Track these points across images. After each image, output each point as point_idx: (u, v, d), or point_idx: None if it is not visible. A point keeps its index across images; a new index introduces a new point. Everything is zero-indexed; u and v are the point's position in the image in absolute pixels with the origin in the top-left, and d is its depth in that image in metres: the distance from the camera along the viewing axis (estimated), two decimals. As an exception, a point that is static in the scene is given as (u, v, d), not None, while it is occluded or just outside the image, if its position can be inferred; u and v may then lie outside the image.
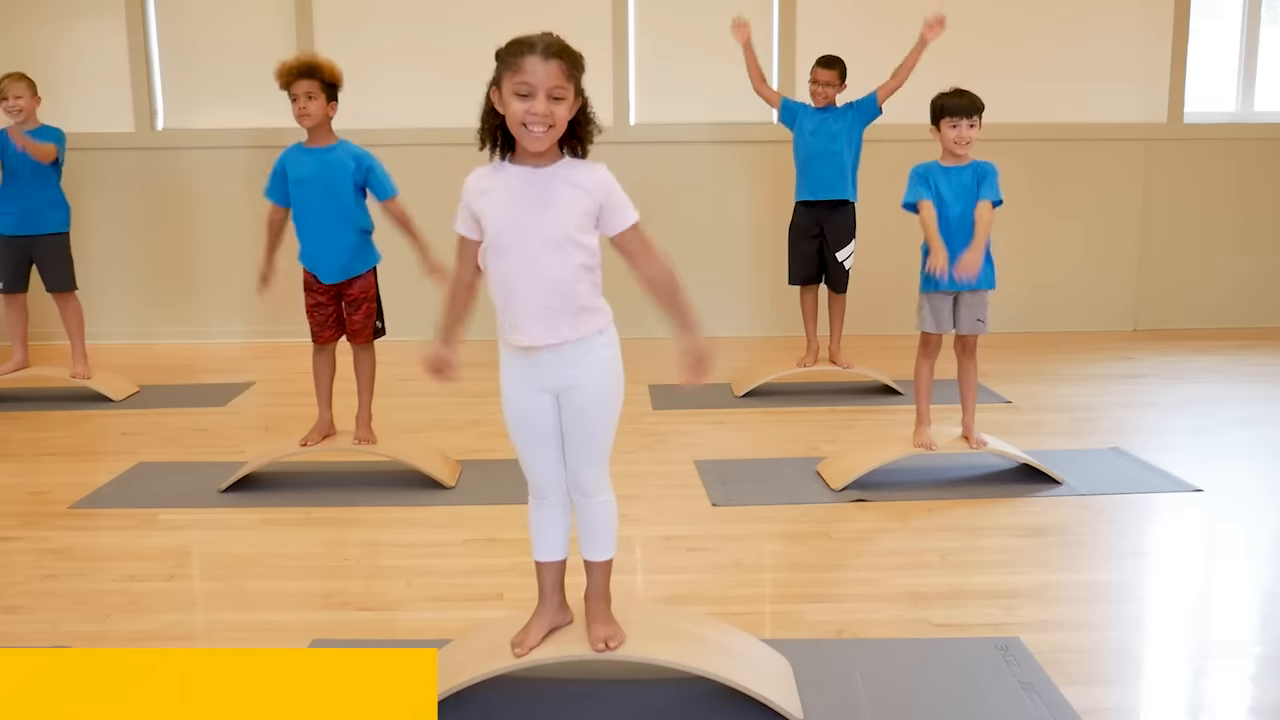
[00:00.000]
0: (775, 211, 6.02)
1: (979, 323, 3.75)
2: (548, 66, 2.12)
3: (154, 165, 6.36)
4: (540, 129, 2.14)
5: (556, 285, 2.19)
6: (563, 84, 2.13)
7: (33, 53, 6.13)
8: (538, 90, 2.12)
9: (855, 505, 3.61)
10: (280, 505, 3.67)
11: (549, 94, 2.12)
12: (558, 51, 2.13)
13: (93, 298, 5.90)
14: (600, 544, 2.38)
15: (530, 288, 2.19)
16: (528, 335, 2.22)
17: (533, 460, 2.34)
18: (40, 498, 3.77)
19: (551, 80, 2.12)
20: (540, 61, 2.11)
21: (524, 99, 2.13)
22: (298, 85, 3.61)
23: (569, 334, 2.23)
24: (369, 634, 2.74)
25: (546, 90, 2.12)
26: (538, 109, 2.12)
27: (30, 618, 2.86)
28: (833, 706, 2.36)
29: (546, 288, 2.19)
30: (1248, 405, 4.84)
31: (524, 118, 2.13)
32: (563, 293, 2.20)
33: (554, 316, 2.21)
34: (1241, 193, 6.51)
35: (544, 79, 2.11)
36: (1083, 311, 6.53)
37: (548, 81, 2.12)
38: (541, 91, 2.12)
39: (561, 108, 2.15)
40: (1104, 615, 2.83)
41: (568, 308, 2.21)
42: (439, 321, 2.35)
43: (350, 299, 3.79)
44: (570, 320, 2.22)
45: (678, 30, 6.33)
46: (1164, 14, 6.33)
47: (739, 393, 5.03)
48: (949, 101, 3.69)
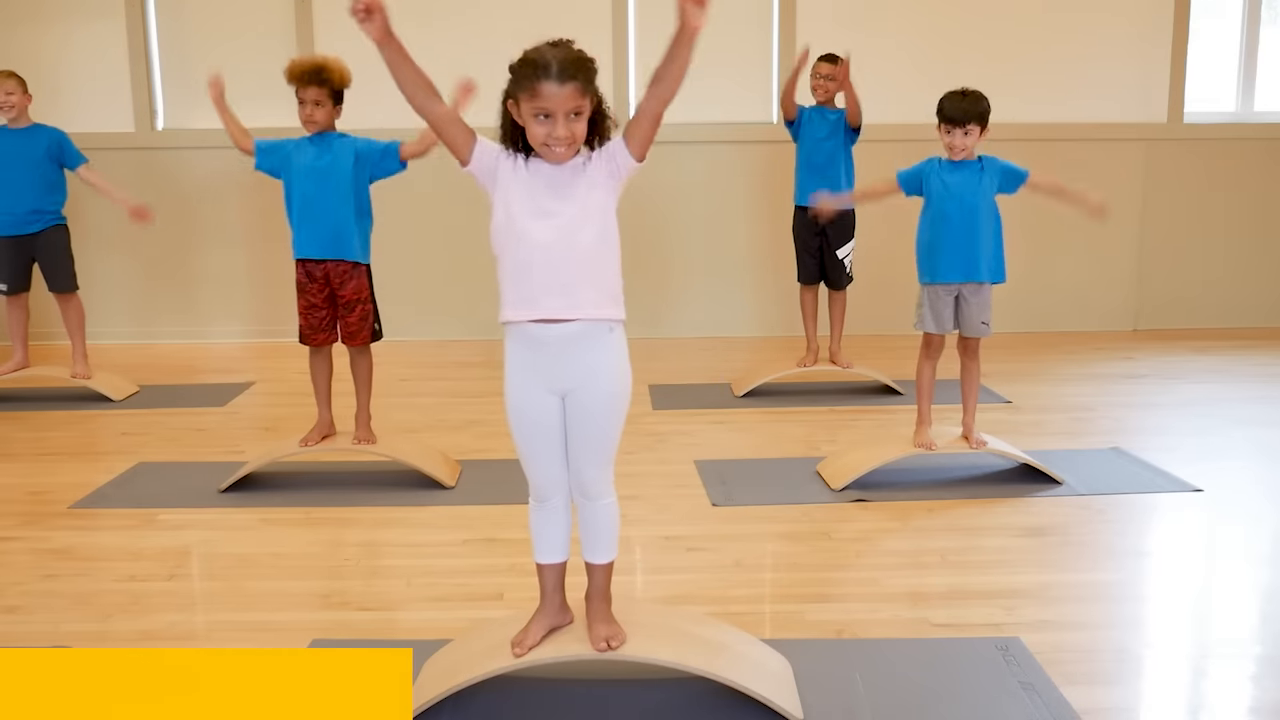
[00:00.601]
0: (775, 212, 6.02)
1: (984, 325, 3.73)
2: (564, 90, 2.12)
3: (154, 165, 6.36)
4: (562, 149, 2.16)
5: (578, 259, 2.19)
6: (580, 103, 2.15)
7: (33, 53, 6.14)
8: (557, 114, 2.13)
9: (855, 505, 3.61)
10: (280, 505, 3.67)
11: (568, 114, 2.14)
12: (573, 72, 2.13)
13: (93, 298, 5.89)
14: (602, 546, 2.37)
15: (553, 261, 2.18)
16: (544, 307, 2.20)
17: (536, 462, 2.33)
18: (40, 498, 3.77)
19: (570, 103, 2.13)
20: (557, 87, 2.12)
21: (544, 123, 2.14)
22: (307, 91, 3.62)
23: (588, 312, 2.21)
24: (369, 634, 2.74)
25: (565, 112, 2.13)
26: (559, 133, 2.14)
27: (30, 618, 2.86)
28: (833, 706, 2.36)
29: (568, 261, 2.19)
30: (1248, 405, 4.84)
31: (546, 140, 2.15)
32: (583, 266, 2.20)
33: (573, 292, 2.20)
34: (1241, 193, 6.50)
35: (562, 103, 2.12)
36: (1083, 311, 6.53)
37: (566, 104, 2.13)
38: (561, 115, 2.13)
39: (581, 123, 2.16)
40: (1104, 615, 2.83)
41: (588, 284, 2.20)
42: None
43: (344, 301, 3.77)
44: (590, 298, 2.21)
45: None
46: (1164, 14, 6.33)
47: (739, 393, 5.03)
48: (946, 106, 3.63)
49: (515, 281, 2.22)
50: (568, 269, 2.19)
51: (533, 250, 2.19)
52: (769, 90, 6.23)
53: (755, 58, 6.06)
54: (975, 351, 3.81)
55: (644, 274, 6.04)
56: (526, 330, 2.23)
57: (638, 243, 5.78)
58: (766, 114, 6.35)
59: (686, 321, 6.43)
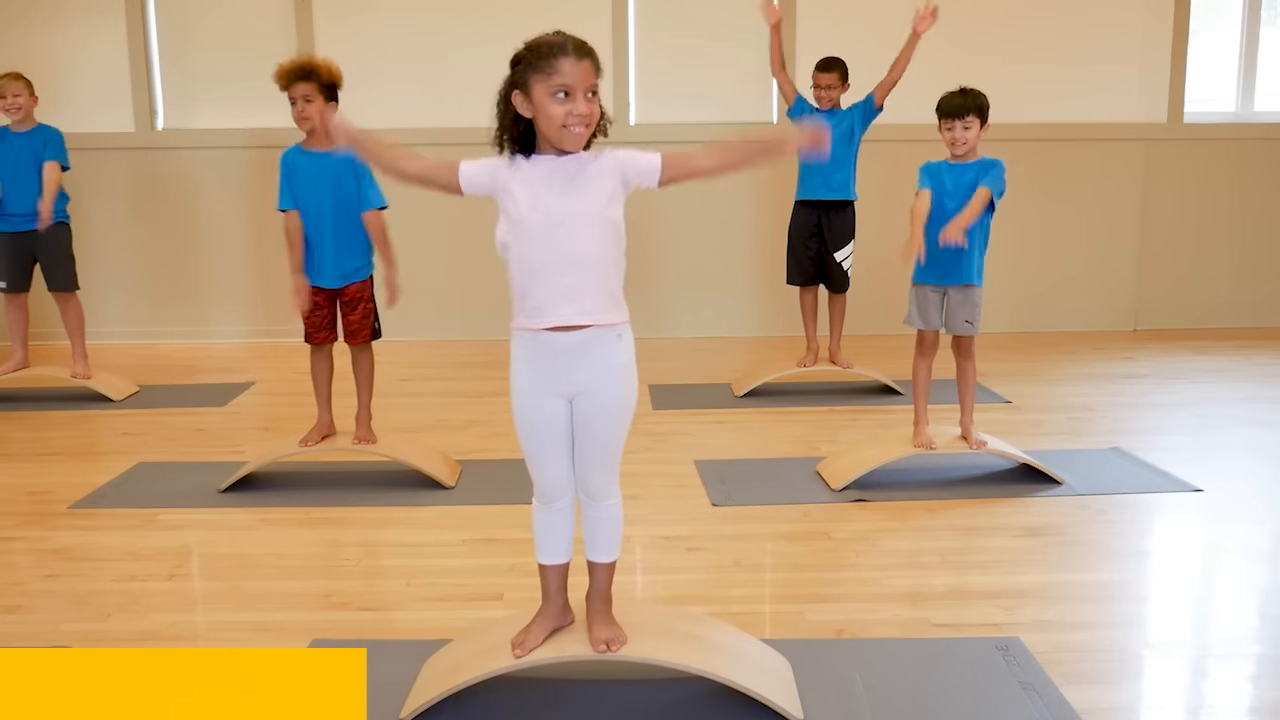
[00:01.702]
0: (775, 211, 6.03)
1: (968, 324, 3.73)
2: (581, 66, 2.13)
3: (154, 165, 6.36)
4: (581, 128, 2.15)
5: (588, 264, 2.18)
6: (596, 81, 2.16)
7: (33, 53, 6.14)
8: (576, 90, 2.12)
9: (855, 505, 3.61)
10: (280, 505, 3.67)
11: (586, 91, 2.14)
12: (588, 50, 2.15)
13: (93, 298, 5.89)
14: (605, 547, 2.37)
15: (563, 268, 2.17)
16: (557, 315, 2.19)
17: (543, 464, 2.32)
18: (40, 498, 3.77)
19: (588, 79, 2.14)
20: (575, 62, 2.12)
21: (563, 101, 2.13)
22: (296, 88, 3.59)
23: (599, 318, 2.21)
24: (369, 634, 2.74)
25: (585, 89, 2.13)
26: (579, 109, 2.13)
27: (30, 618, 2.86)
28: (833, 706, 2.36)
29: (579, 267, 2.18)
30: (1248, 405, 4.84)
31: (565, 119, 2.13)
32: (594, 272, 2.19)
33: (584, 298, 2.19)
34: (1241, 193, 6.51)
35: (581, 79, 2.13)
36: (1083, 311, 6.53)
37: (585, 81, 2.13)
38: (580, 91, 2.13)
39: (596, 104, 2.17)
40: (1104, 615, 2.83)
41: (599, 290, 2.20)
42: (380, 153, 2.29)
43: (346, 300, 3.78)
44: (600, 303, 2.21)
45: (678, 30, 6.33)
46: (1164, 14, 6.33)
47: (739, 393, 5.03)
48: (943, 102, 3.67)
49: (523, 291, 2.21)
50: (578, 273, 2.18)
51: (545, 252, 2.18)
52: (769, 90, 6.22)
53: (755, 58, 6.04)
54: (968, 351, 3.81)
55: (644, 274, 6.05)
56: (539, 336, 2.22)
57: (638, 243, 5.76)
58: (766, 114, 6.35)
59: (686, 321, 6.43)
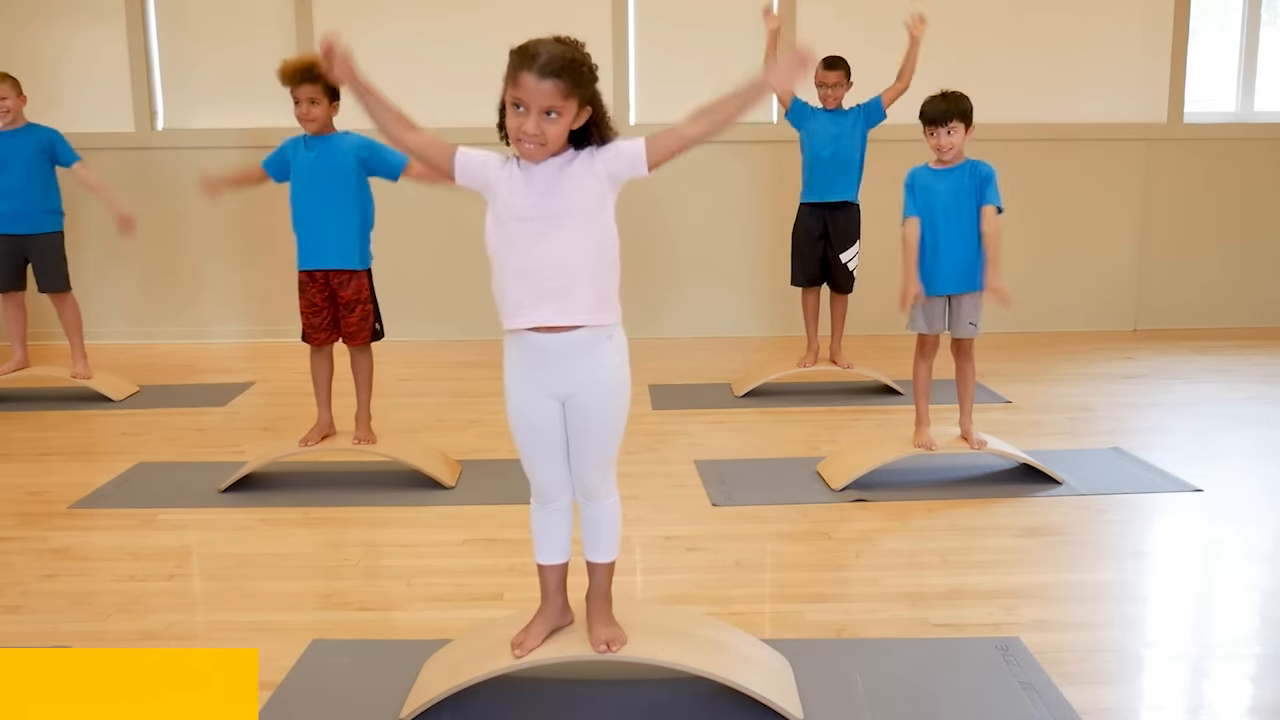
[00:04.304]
0: (776, 212, 6.02)
1: (971, 326, 3.73)
2: (542, 86, 2.06)
3: (154, 165, 6.36)
4: (531, 145, 2.11)
5: (570, 266, 2.15)
6: (558, 103, 2.08)
7: (33, 53, 6.14)
8: (530, 108, 2.08)
9: (855, 505, 3.61)
10: (280, 505, 3.67)
11: (542, 112, 2.08)
12: (556, 70, 2.06)
13: (92, 298, 5.89)
14: (604, 546, 2.37)
15: (543, 269, 2.15)
16: (535, 315, 2.17)
17: (537, 465, 2.32)
18: (40, 498, 3.77)
19: (545, 100, 2.07)
20: (536, 80, 2.06)
21: (518, 114, 2.10)
22: (300, 90, 3.60)
23: (583, 319, 2.18)
24: (369, 634, 2.74)
25: (540, 109, 2.08)
26: (528, 128, 2.09)
27: (30, 618, 2.86)
28: (833, 706, 2.36)
29: (560, 268, 2.15)
30: (1248, 405, 4.84)
31: (516, 133, 2.11)
32: (576, 274, 2.16)
33: (566, 299, 2.16)
34: (1241, 193, 6.51)
35: (537, 98, 2.07)
36: (1083, 311, 6.53)
37: (541, 100, 2.07)
38: (534, 110, 2.08)
39: (556, 126, 2.10)
40: (1104, 615, 2.83)
41: (584, 291, 2.17)
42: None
43: (344, 301, 3.77)
44: (585, 304, 2.17)
45: (678, 30, 6.33)
46: (1164, 14, 6.33)
47: (739, 393, 5.03)
48: (926, 108, 3.65)
49: (509, 287, 2.19)
50: (559, 274, 2.15)
51: (525, 253, 2.16)
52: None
53: (755, 58, 6.03)
54: (968, 352, 3.81)
55: (644, 274, 6.04)
56: (526, 338, 2.21)
57: (638, 243, 5.77)
58: (766, 113, 6.35)
59: (686, 321, 6.43)
